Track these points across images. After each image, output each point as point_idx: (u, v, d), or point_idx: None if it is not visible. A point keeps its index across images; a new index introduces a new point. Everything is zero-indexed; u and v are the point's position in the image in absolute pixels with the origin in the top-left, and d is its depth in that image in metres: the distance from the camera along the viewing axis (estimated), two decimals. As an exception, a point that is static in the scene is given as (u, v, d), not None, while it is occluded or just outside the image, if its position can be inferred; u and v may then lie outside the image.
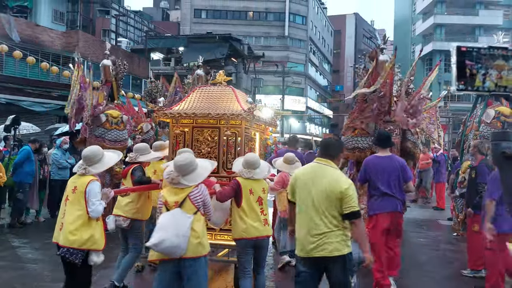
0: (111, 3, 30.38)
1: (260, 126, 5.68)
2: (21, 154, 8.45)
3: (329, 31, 57.11)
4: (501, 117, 6.70)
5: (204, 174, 3.65)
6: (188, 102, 5.27)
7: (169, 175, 3.48)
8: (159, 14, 46.23)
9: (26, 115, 15.54)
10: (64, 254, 3.67)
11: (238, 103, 5.09)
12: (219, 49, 29.32)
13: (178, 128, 5.11)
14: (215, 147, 5.04)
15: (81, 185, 3.74)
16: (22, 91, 17.28)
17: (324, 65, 55.10)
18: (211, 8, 44.31)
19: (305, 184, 3.50)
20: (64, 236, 3.68)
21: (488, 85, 1.44)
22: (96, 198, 3.71)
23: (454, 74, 1.48)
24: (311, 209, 3.41)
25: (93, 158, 3.83)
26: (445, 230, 9.62)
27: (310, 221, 3.40)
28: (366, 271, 4.29)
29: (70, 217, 3.71)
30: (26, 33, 18.65)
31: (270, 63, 38.62)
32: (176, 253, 3.34)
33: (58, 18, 23.29)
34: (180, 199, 3.45)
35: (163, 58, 34.08)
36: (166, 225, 3.35)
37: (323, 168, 3.52)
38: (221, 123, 4.97)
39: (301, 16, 45.60)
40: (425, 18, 46.98)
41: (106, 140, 7.31)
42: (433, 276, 6.04)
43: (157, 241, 3.30)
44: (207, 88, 5.53)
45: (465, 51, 1.46)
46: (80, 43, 20.73)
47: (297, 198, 3.56)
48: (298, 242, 3.50)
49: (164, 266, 3.49)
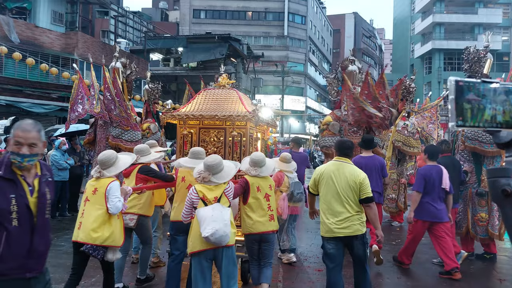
0: (110, 4, 30.39)
1: (262, 127, 5.85)
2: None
3: (328, 30, 57.13)
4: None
5: (231, 173, 4.00)
6: (195, 104, 5.44)
7: (200, 174, 3.86)
8: (158, 15, 46.26)
9: (26, 117, 15.56)
10: (87, 251, 3.91)
11: (242, 105, 5.28)
12: (218, 49, 29.32)
13: (185, 129, 5.29)
14: (221, 147, 5.23)
15: (102, 186, 3.97)
16: (21, 92, 17.30)
17: (324, 64, 55.12)
18: (210, 8, 44.32)
19: (330, 178, 4.32)
20: (87, 234, 3.90)
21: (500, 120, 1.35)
22: (115, 195, 3.93)
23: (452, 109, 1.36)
24: (336, 197, 4.25)
25: (107, 162, 4.08)
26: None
27: (335, 208, 4.25)
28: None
29: (91, 216, 3.93)
30: (25, 35, 18.66)
31: (269, 63, 38.66)
32: (224, 242, 3.71)
33: (57, 19, 23.29)
34: (218, 194, 3.84)
35: (162, 59, 34.08)
36: (215, 217, 3.67)
37: (342, 164, 4.38)
38: (226, 124, 5.18)
39: (300, 15, 45.61)
40: (424, 17, 46.98)
41: (123, 140, 7.38)
42: (434, 276, 6.04)
43: (212, 231, 3.60)
44: (213, 90, 5.71)
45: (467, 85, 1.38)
46: (79, 44, 20.75)
47: (321, 190, 4.37)
48: (324, 226, 4.32)
49: (204, 255, 3.79)
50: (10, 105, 16.09)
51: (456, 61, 45.31)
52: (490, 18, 43.68)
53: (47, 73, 17.93)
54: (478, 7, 44.06)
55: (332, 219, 4.25)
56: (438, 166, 5.86)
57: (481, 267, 6.60)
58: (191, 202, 3.85)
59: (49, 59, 19.14)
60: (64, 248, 7.01)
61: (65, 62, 20.39)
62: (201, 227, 3.67)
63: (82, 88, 7.59)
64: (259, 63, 37.45)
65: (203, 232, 3.63)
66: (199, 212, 3.75)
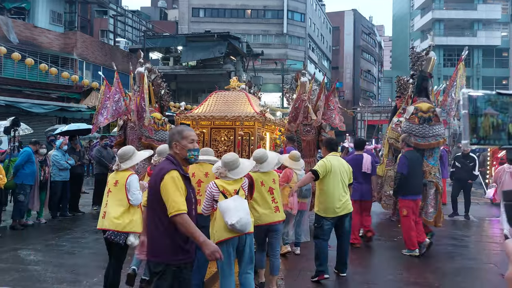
0: (109, 3, 30.34)
1: (270, 126, 6.27)
2: (21, 156, 8.43)
3: (327, 28, 57.03)
4: (418, 113, 7.25)
5: (246, 170, 4.31)
6: (206, 105, 5.90)
7: (218, 170, 4.21)
8: (157, 14, 46.19)
9: (26, 117, 15.54)
10: (109, 236, 4.36)
11: (251, 106, 5.70)
12: (217, 47, 29.26)
13: (198, 129, 5.69)
14: (231, 146, 5.64)
15: (122, 178, 4.45)
16: (21, 92, 17.29)
17: (323, 62, 55.03)
18: (209, 7, 44.23)
19: (337, 167, 5.38)
20: (110, 221, 4.37)
21: None
22: (135, 187, 4.43)
23: (465, 126, 1.22)
24: (340, 183, 5.35)
25: (124, 156, 4.52)
26: (447, 224, 9.61)
27: (339, 191, 5.34)
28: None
29: (113, 206, 4.41)
30: (24, 35, 18.63)
31: (269, 60, 38.57)
32: (247, 229, 4.04)
33: (56, 19, 23.25)
34: (237, 188, 4.15)
35: (162, 58, 34.03)
36: (238, 207, 3.98)
37: (338, 157, 5.61)
38: (236, 124, 5.57)
39: (299, 13, 45.50)
40: (423, 13, 46.92)
41: (154, 140, 7.54)
42: (436, 271, 6.04)
43: (238, 218, 3.90)
44: (223, 93, 6.16)
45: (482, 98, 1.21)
46: (78, 43, 20.72)
47: (329, 177, 5.31)
48: (327, 207, 5.33)
49: (231, 243, 4.06)
50: (9, 106, 16.07)
51: (455, 57, 45.20)
52: (489, 14, 43.62)
53: (47, 73, 17.91)
54: (477, 3, 43.99)
55: (337, 203, 5.30)
56: (361, 155, 7.42)
57: (483, 265, 6.60)
58: (212, 196, 4.11)
59: (48, 59, 19.11)
60: (66, 248, 7.02)
61: (64, 62, 20.36)
62: (225, 217, 3.94)
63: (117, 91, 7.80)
64: (258, 61, 37.36)
65: (229, 221, 3.90)
66: (221, 204, 4.02)
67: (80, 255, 6.67)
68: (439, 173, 7.32)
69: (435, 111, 7.21)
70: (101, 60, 22.38)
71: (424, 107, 7.26)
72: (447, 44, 44.07)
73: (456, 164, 10.44)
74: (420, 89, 7.62)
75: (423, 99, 7.50)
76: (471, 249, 7.72)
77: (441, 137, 7.19)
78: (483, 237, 8.84)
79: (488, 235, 9.02)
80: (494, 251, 7.36)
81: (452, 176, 10.62)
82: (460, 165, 10.35)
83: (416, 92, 7.70)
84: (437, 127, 7.15)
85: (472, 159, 10.35)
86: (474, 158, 10.47)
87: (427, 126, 7.13)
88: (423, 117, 7.19)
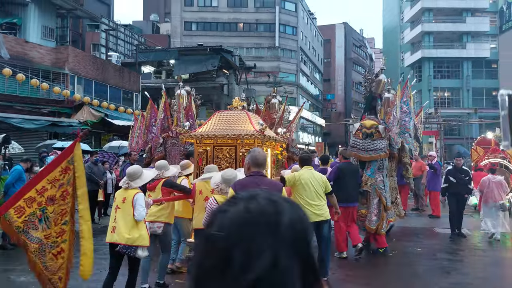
0: (101, 18, 30.37)
1: (271, 143, 6.50)
2: (12, 174, 8.30)
3: (319, 40, 57.50)
4: (363, 129, 8.10)
5: None
6: (209, 125, 6.21)
7: (218, 186, 4.48)
8: (149, 27, 46.30)
9: (16, 132, 15.39)
10: (121, 250, 4.65)
11: (251, 125, 5.99)
12: (210, 61, 29.34)
13: (201, 147, 6.07)
14: (232, 163, 5.92)
15: (129, 196, 4.76)
16: (11, 108, 17.14)
17: (315, 74, 55.36)
18: (201, 21, 44.45)
19: (307, 179, 5.93)
20: (121, 236, 4.64)
21: None
22: (140, 205, 4.72)
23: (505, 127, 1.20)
24: (312, 192, 5.88)
25: (134, 175, 4.84)
26: (441, 238, 9.59)
27: (312, 198, 5.86)
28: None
29: (123, 221, 4.69)
30: (15, 50, 18.54)
31: (261, 73, 38.72)
32: None
33: (48, 34, 23.19)
34: None
35: (154, 71, 34.02)
36: None
37: (311, 170, 6.18)
38: (237, 142, 5.91)
39: (291, 26, 45.87)
40: (413, 26, 47.49)
41: None
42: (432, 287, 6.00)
43: None
44: (225, 112, 6.51)
45: None
46: (70, 58, 20.65)
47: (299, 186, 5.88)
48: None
49: None
50: (0, 121, 15.91)
51: (445, 69, 45.75)
52: (478, 27, 44.24)
53: (38, 88, 17.80)
54: (466, 16, 44.62)
55: (311, 208, 5.78)
56: (325, 168, 8.02)
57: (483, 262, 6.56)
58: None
59: (40, 74, 19.00)
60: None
61: (55, 76, 20.26)
62: None
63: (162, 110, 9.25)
64: (251, 74, 37.50)
65: None
66: None
67: (71, 276, 6.52)
68: (382, 185, 7.93)
69: (378, 128, 8.00)
70: (93, 74, 22.32)
71: (368, 124, 8.10)
72: (437, 56, 44.57)
73: (451, 179, 9.68)
74: (369, 107, 8.63)
75: (370, 116, 8.43)
76: (465, 264, 7.70)
77: (382, 151, 7.89)
78: (477, 250, 8.81)
79: (482, 248, 8.99)
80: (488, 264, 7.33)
81: (445, 192, 9.86)
82: (455, 179, 9.63)
83: (366, 110, 8.79)
84: (378, 142, 7.92)
85: (467, 173, 9.84)
86: (468, 172, 10.05)
87: (369, 140, 7.96)
88: (366, 133, 8.03)
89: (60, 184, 3.21)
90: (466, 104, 43.32)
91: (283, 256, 0.86)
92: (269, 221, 0.88)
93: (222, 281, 0.85)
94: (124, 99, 24.71)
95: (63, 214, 3.23)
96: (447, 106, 43.96)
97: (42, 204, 3.13)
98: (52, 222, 3.15)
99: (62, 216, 3.21)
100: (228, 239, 0.87)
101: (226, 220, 0.90)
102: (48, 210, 3.17)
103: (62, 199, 3.22)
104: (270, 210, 0.90)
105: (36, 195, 3.10)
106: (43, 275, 3.24)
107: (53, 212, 3.17)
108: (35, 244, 3.17)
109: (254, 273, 0.83)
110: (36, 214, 3.13)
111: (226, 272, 0.85)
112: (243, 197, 0.94)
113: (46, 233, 3.14)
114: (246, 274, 0.84)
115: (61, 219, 3.20)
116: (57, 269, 3.22)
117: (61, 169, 3.24)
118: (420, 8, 45.06)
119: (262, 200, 0.92)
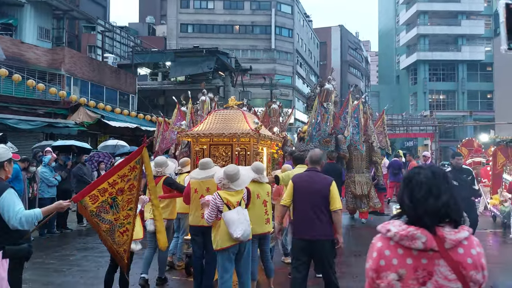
0: (97, 19, 30.36)
1: (266, 142, 6.55)
2: (8, 173, 8.29)
3: (315, 43, 57.70)
4: (300, 133, 10.03)
5: (246, 181, 4.66)
6: (206, 123, 6.26)
7: (221, 181, 4.52)
8: (145, 29, 46.29)
9: (12, 134, 15.34)
10: None
11: (247, 124, 6.04)
12: (206, 63, 29.37)
13: (198, 145, 6.10)
14: (228, 161, 5.93)
15: None
16: (7, 109, 17.07)
17: (311, 76, 55.53)
18: (197, 23, 44.52)
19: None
20: None
21: None
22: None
23: (503, 32, 1.31)
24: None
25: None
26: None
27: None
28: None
29: None
30: (11, 51, 18.49)
31: (257, 75, 38.81)
32: (248, 237, 4.46)
33: (44, 35, 23.15)
34: (239, 199, 4.51)
35: (150, 73, 34.01)
36: (241, 220, 4.38)
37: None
38: (233, 141, 5.95)
39: (287, 29, 46.01)
40: (408, 29, 47.78)
41: None
42: None
43: (243, 232, 4.34)
44: (221, 111, 6.56)
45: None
46: (66, 59, 20.63)
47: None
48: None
49: (232, 249, 4.49)
50: (-5, 122, 15.84)
51: (441, 71, 46.02)
52: (473, 30, 44.59)
53: (34, 89, 17.76)
54: (461, 19, 44.96)
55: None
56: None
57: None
58: (216, 206, 4.41)
59: (36, 75, 18.96)
60: (54, 266, 6.88)
61: (51, 77, 20.21)
62: (230, 229, 4.33)
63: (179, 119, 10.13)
64: (247, 76, 37.56)
65: (234, 234, 4.32)
66: (226, 216, 4.36)
67: (69, 273, 6.55)
68: None
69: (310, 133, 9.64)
70: (89, 75, 22.29)
71: (304, 129, 9.58)
72: (432, 59, 44.86)
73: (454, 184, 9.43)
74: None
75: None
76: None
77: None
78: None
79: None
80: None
81: None
82: (456, 181, 7.51)
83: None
84: (310, 146, 9.24)
85: (469, 172, 7.99)
86: (470, 171, 8.20)
87: (302, 143, 9.61)
88: (300, 136, 9.82)
89: (128, 179, 4.06)
90: (461, 107, 43.60)
91: (452, 192, 1.85)
92: (444, 176, 1.87)
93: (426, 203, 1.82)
94: (120, 101, 24.69)
95: (129, 202, 4.08)
96: (442, 108, 44.23)
97: (113, 194, 3.99)
98: (120, 208, 4.03)
99: (128, 204, 4.08)
100: (427, 183, 1.84)
101: (423, 176, 1.86)
102: (118, 199, 4.01)
103: (129, 191, 4.06)
104: (440, 171, 1.89)
105: (108, 187, 3.97)
106: (113, 248, 4.06)
107: (121, 200, 4.02)
108: (107, 224, 4.00)
109: (442, 200, 1.80)
110: (107, 201, 3.98)
111: (429, 199, 1.81)
112: (424, 167, 1.91)
113: (115, 216, 4.02)
114: (438, 201, 1.80)
115: (127, 205, 4.07)
116: (122, 243, 4.07)
117: (130, 167, 4.07)
118: (415, 11, 45.35)
119: (434, 168, 1.90)
